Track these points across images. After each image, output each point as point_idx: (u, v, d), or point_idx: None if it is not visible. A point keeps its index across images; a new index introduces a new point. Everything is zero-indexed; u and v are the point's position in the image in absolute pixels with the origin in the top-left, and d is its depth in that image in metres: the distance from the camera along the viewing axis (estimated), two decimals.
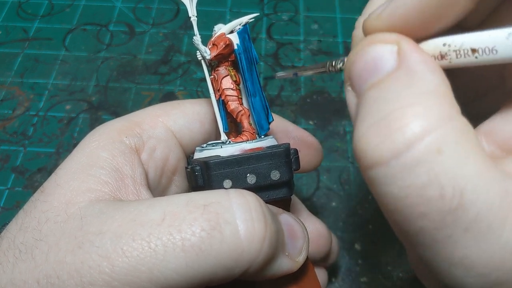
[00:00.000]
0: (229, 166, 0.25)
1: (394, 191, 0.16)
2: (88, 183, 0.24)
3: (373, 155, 0.17)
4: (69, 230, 0.21)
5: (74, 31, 0.62)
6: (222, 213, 0.21)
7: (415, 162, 0.16)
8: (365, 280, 0.42)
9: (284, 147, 0.26)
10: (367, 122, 0.17)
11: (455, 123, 0.16)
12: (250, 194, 0.23)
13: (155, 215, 0.21)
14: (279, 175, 0.26)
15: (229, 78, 0.28)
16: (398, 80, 0.17)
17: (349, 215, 0.46)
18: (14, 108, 0.53)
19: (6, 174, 0.48)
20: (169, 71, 0.57)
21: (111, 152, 0.25)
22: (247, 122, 0.29)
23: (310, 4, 0.66)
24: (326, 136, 0.52)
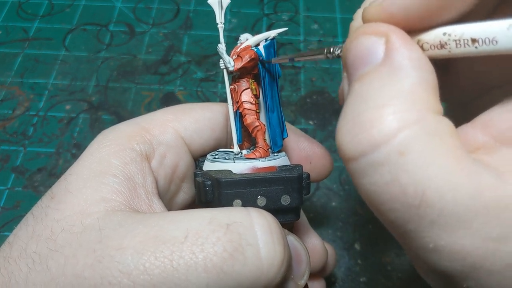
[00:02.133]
0: (241, 187, 0.25)
1: (366, 185, 0.17)
2: (102, 192, 0.23)
3: (346, 150, 0.18)
4: (87, 242, 0.21)
5: (74, 31, 0.62)
6: (244, 234, 0.21)
7: (379, 162, 0.17)
8: (365, 280, 0.42)
9: (297, 172, 0.26)
10: (346, 117, 0.18)
11: (424, 125, 0.17)
12: (269, 215, 0.23)
13: (178, 232, 0.21)
14: (290, 201, 0.26)
15: (249, 91, 0.28)
16: (379, 77, 0.18)
17: (349, 215, 0.46)
18: (14, 108, 0.53)
19: (6, 174, 0.48)
20: (169, 71, 0.57)
21: (122, 160, 0.25)
22: (262, 138, 0.28)
23: (310, 4, 0.66)
24: (326, 136, 0.52)
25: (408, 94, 0.17)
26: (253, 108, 0.28)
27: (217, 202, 0.25)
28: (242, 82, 0.28)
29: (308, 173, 0.27)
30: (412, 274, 0.42)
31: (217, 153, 0.29)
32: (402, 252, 0.44)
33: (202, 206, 0.27)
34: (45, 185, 0.47)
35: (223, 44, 0.27)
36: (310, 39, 0.62)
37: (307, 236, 0.34)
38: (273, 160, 0.28)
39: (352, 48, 0.19)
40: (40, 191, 0.47)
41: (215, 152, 0.29)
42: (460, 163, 0.16)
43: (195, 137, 0.29)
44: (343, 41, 0.27)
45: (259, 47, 0.28)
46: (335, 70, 0.58)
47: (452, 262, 0.17)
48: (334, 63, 0.59)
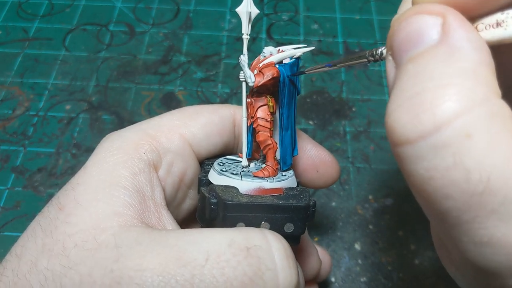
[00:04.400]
0: (246, 211, 0.25)
1: (420, 171, 0.16)
2: (114, 206, 0.23)
3: (402, 133, 0.17)
4: (103, 260, 0.21)
5: (74, 31, 0.61)
6: (263, 258, 0.21)
7: (442, 145, 0.16)
8: (365, 280, 0.42)
9: (304, 201, 0.26)
10: (400, 98, 0.17)
11: (489, 107, 0.16)
12: (283, 238, 0.23)
13: (198, 254, 0.21)
14: (293, 229, 0.26)
15: (266, 108, 0.27)
16: (437, 56, 0.17)
17: (349, 215, 0.46)
18: (14, 108, 0.53)
19: (6, 174, 0.48)
20: (169, 71, 0.57)
21: (131, 170, 0.25)
22: (272, 157, 0.28)
23: (310, 4, 0.66)
24: (326, 136, 0.52)
25: (471, 74, 0.16)
26: (268, 125, 0.27)
27: (220, 222, 0.25)
28: (260, 97, 0.27)
29: (314, 200, 0.27)
30: (412, 274, 0.42)
31: (224, 162, 0.29)
32: (402, 252, 0.44)
33: (203, 221, 0.27)
34: (45, 185, 0.47)
35: (245, 56, 0.27)
36: (310, 39, 0.62)
37: (303, 242, 0.33)
38: (281, 181, 0.27)
39: (401, 28, 0.18)
40: (40, 191, 0.47)
41: (223, 160, 0.29)
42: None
43: (202, 143, 0.29)
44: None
45: (282, 65, 0.27)
46: (335, 70, 0.58)
47: (506, 256, 0.16)
48: None
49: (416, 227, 0.45)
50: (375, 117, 0.54)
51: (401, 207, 0.47)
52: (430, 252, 0.44)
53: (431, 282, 0.42)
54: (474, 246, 0.16)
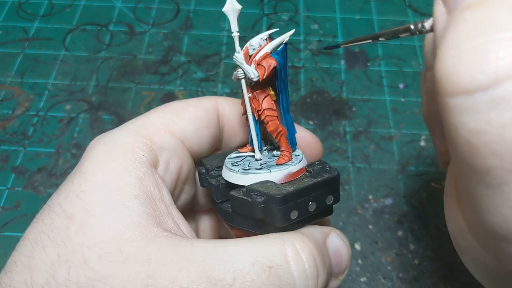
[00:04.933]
0: (295, 198, 0.26)
1: (471, 123, 0.16)
2: (130, 216, 0.23)
3: (459, 82, 0.16)
4: (136, 275, 0.21)
5: (74, 31, 0.62)
6: (284, 276, 0.23)
7: (502, 99, 0.15)
8: (365, 280, 0.42)
9: (335, 172, 0.27)
10: (460, 46, 0.16)
11: None
12: (302, 247, 0.24)
13: (227, 273, 0.22)
14: (333, 200, 0.27)
15: (269, 98, 0.28)
16: (501, 6, 0.16)
17: (349, 215, 0.46)
18: (14, 108, 0.53)
19: (6, 174, 0.48)
20: (169, 71, 0.57)
21: (136, 175, 0.25)
22: (285, 141, 0.28)
23: (310, 4, 0.66)
24: (326, 136, 0.52)
25: None
26: (275, 114, 0.28)
27: (274, 217, 0.25)
28: (262, 89, 0.28)
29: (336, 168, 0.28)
30: (412, 274, 0.42)
31: (237, 162, 0.29)
32: (402, 252, 0.44)
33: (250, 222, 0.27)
34: (45, 185, 0.47)
35: (240, 54, 0.27)
36: (310, 39, 0.62)
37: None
38: (301, 161, 0.28)
39: None
40: (40, 191, 0.47)
41: (233, 159, 0.29)
42: None
43: (193, 138, 0.29)
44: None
45: (275, 53, 0.28)
46: (335, 70, 0.58)
47: None
48: (334, 63, 0.59)
49: (415, 227, 0.45)
50: (375, 117, 0.54)
51: (400, 207, 0.47)
52: (429, 252, 0.44)
53: (430, 282, 0.42)
54: (507, 210, 0.16)
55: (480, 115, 0.15)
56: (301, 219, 0.26)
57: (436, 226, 0.45)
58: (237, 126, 0.32)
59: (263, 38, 0.28)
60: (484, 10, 0.16)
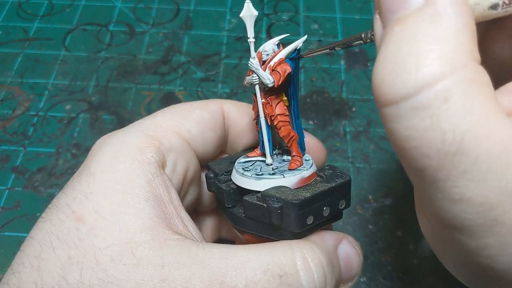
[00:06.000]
0: (311, 203, 0.26)
1: (401, 130, 0.17)
2: (142, 219, 0.23)
3: (386, 93, 0.18)
4: (149, 278, 0.21)
5: (74, 31, 0.62)
6: (293, 285, 0.23)
7: (422, 106, 0.17)
8: (365, 280, 0.42)
9: (347, 177, 0.27)
10: (386, 59, 0.18)
11: (467, 72, 0.17)
12: (312, 257, 0.24)
13: (239, 280, 0.22)
14: (345, 204, 0.27)
15: (282, 103, 0.28)
16: (422, 20, 0.18)
17: (349, 215, 0.46)
18: (14, 108, 0.53)
19: (6, 174, 0.48)
20: (169, 71, 0.57)
21: (146, 177, 0.25)
22: (296, 146, 0.29)
23: (310, 4, 0.66)
24: (326, 136, 0.52)
25: (452, 39, 0.17)
26: (287, 119, 0.28)
27: (286, 224, 0.26)
28: (275, 95, 0.28)
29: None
30: (411, 274, 0.42)
31: (248, 167, 0.29)
32: (402, 252, 0.44)
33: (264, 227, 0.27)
34: (45, 185, 0.47)
35: (256, 60, 0.27)
36: (310, 39, 0.62)
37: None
38: (312, 166, 0.28)
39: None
40: (40, 191, 0.47)
41: (242, 163, 0.29)
42: (496, 114, 0.17)
43: (198, 140, 0.30)
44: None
45: (289, 59, 0.28)
46: (335, 70, 0.58)
47: (476, 214, 0.17)
48: (334, 63, 0.59)
49: (415, 227, 0.45)
50: (375, 117, 0.54)
51: (400, 207, 0.47)
52: (429, 252, 0.44)
53: (430, 282, 0.42)
54: (447, 203, 0.17)
55: (407, 122, 0.17)
56: (315, 225, 0.26)
57: None
58: (242, 129, 0.32)
59: (275, 43, 0.28)
60: (408, 24, 0.18)
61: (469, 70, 0.17)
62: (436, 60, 0.17)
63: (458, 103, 0.16)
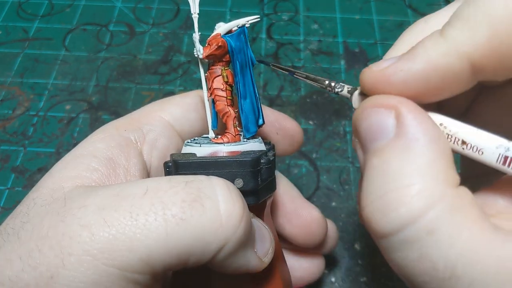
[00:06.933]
0: (196, 169, 0.26)
1: (397, 260, 0.18)
2: (77, 170, 0.24)
3: (377, 228, 0.19)
4: (53, 209, 0.22)
5: (74, 31, 0.62)
6: (203, 188, 0.22)
7: (409, 240, 0.18)
8: (365, 280, 0.42)
9: (253, 156, 0.26)
10: (371, 195, 0.19)
11: (448, 201, 0.17)
12: (230, 182, 0.24)
13: (138, 189, 0.22)
14: (242, 184, 0.26)
15: (220, 78, 0.28)
16: (397, 151, 0.18)
17: (349, 215, 0.46)
18: (14, 108, 0.53)
19: (6, 174, 0.48)
20: (169, 71, 0.57)
21: (107, 144, 0.26)
22: (231, 123, 0.29)
23: (310, 4, 0.66)
24: (326, 136, 0.52)
25: (428, 170, 0.18)
26: (224, 95, 0.28)
27: None
28: (215, 69, 0.28)
29: (269, 158, 0.27)
30: None
31: (196, 139, 0.30)
32: None
33: None
34: None
35: (197, 34, 0.28)
36: (310, 39, 0.62)
37: (303, 207, 0.34)
38: (240, 145, 0.27)
39: (363, 119, 0.20)
40: None
41: (197, 137, 0.30)
42: (485, 235, 0.17)
43: (182, 120, 0.31)
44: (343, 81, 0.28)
45: (229, 35, 0.28)
46: (335, 70, 0.58)
47: None
48: (334, 63, 0.59)
49: None
50: None
51: None
52: None
53: None
54: None
55: (400, 253, 0.18)
56: None
57: None
58: None
59: (226, 23, 0.29)
60: (385, 158, 0.19)
61: (449, 198, 0.17)
62: (415, 196, 0.17)
63: (444, 234, 0.17)
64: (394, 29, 0.63)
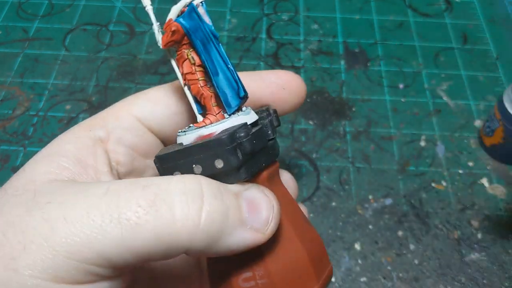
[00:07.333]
0: (176, 159, 0.25)
1: None
2: (49, 167, 0.25)
3: None
4: (22, 200, 0.23)
5: (74, 31, 0.62)
6: (159, 193, 0.23)
7: None
8: (365, 280, 0.42)
9: (225, 134, 0.24)
10: None
11: None
12: (191, 178, 0.24)
13: (99, 190, 0.23)
14: (223, 164, 0.25)
15: (188, 62, 0.27)
16: None
17: (349, 215, 0.46)
18: (14, 108, 0.53)
19: (6, 174, 0.48)
20: (169, 71, 0.57)
21: (75, 145, 0.27)
22: (209, 103, 0.27)
23: (310, 4, 0.66)
24: (326, 136, 0.52)
25: None
26: (194, 77, 0.27)
27: None
28: (181, 54, 0.27)
29: (248, 130, 0.25)
30: (411, 274, 0.42)
31: (189, 127, 0.29)
32: (402, 252, 0.44)
33: None
34: None
35: (155, 25, 0.28)
36: (310, 39, 0.62)
37: None
38: (220, 124, 0.26)
39: None
40: None
41: (186, 127, 0.29)
42: None
43: (151, 116, 0.30)
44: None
45: (180, 17, 0.27)
46: (335, 70, 0.58)
47: None
48: (334, 63, 0.59)
49: (415, 227, 0.45)
50: (375, 117, 0.54)
51: (400, 207, 0.47)
52: (429, 252, 0.44)
53: (430, 282, 0.42)
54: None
55: None
56: None
57: (436, 226, 0.45)
58: None
59: (180, 7, 0.28)
60: None
61: None
62: None
63: None
64: (394, 29, 0.63)
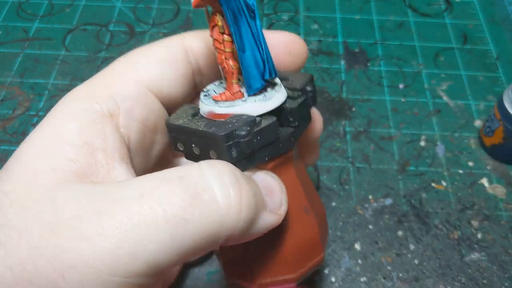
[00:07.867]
0: (180, 133, 0.25)
1: None
2: (53, 162, 0.22)
3: None
4: (40, 214, 0.20)
5: (74, 31, 0.62)
6: (197, 182, 0.21)
7: None
8: (365, 280, 0.42)
9: (223, 132, 0.23)
10: None
11: None
12: (220, 162, 0.23)
13: (133, 192, 0.20)
14: (216, 156, 0.24)
15: (217, 29, 0.25)
16: None
17: (349, 215, 0.46)
18: (14, 108, 0.53)
19: None
20: None
21: (79, 123, 0.23)
22: (230, 80, 0.25)
23: (310, 4, 0.66)
24: (326, 136, 0.52)
25: None
26: (221, 47, 0.25)
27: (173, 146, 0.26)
28: (213, 18, 0.25)
29: (250, 131, 0.24)
30: (412, 274, 0.42)
31: (214, 85, 0.27)
32: (402, 252, 0.44)
33: None
34: None
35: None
36: (310, 39, 0.62)
37: None
38: (233, 107, 0.25)
39: None
40: None
41: (211, 85, 0.28)
42: None
43: (158, 81, 0.27)
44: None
45: None
46: (335, 70, 0.58)
47: None
48: (334, 63, 0.59)
49: (415, 227, 0.45)
50: (375, 117, 0.54)
51: (400, 207, 0.47)
52: (429, 252, 0.44)
53: (430, 282, 0.42)
54: None
55: None
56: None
57: (436, 226, 0.45)
58: (209, 61, 0.29)
59: None
60: None
61: None
62: None
63: None
64: (394, 29, 0.63)
